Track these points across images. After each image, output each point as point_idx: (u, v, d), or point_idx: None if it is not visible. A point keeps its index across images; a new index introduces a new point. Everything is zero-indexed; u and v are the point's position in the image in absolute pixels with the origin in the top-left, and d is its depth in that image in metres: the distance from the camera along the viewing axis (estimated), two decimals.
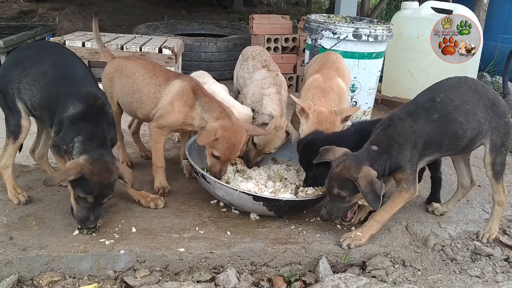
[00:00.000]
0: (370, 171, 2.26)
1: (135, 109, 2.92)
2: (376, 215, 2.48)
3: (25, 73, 2.49)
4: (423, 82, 4.85)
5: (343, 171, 2.30)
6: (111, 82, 2.99)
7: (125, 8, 10.66)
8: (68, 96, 2.40)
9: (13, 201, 2.62)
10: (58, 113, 2.40)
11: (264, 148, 3.05)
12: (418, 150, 2.38)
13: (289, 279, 2.36)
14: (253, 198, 2.51)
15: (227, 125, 2.61)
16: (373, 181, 2.23)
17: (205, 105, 2.70)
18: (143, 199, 2.69)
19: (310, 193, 2.75)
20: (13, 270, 2.16)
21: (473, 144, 2.49)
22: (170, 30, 6.59)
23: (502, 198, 2.59)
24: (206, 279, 2.24)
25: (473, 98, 2.45)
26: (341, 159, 2.34)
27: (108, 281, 2.22)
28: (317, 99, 2.98)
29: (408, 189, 2.40)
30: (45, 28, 6.24)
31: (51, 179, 2.24)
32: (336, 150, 2.42)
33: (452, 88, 2.48)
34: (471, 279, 2.37)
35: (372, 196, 2.22)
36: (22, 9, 9.70)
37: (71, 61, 2.61)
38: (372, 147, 2.36)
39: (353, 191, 2.31)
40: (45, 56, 2.55)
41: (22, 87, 2.49)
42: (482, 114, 2.43)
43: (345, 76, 3.32)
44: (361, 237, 2.46)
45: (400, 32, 4.84)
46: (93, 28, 3.20)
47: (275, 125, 3.00)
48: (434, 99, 2.43)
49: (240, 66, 3.64)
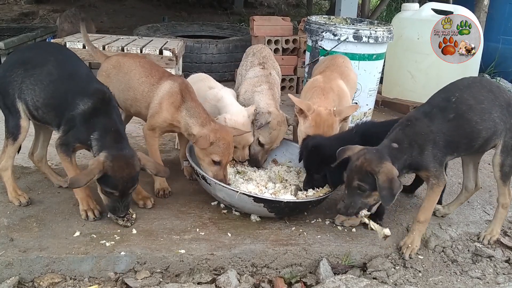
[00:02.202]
0: (393, 169, 2.24)
1: (129, 106, 2.95)
2: (420, 216, 2.47)
3: (28, 73, 2.49)
4: (423, 83, 4.87)
5: (364, 163, 2.27)
6: (108, 79, 2.98)
7: (125, 10, 10.67)
8: (77, 93, 2.42)
9: (14, 203, 2.61)
10: (67, 112, 2.41)
11: (272, 145, 3.09)
12: (440, 148, 2.36)
13: (289, 280, 2.35)
14: (254, 199, 2.51)
15: (216, 128, 2.65)
16: (394, 179, 2.21)
17: (191, 110, 2.72)
18: (134, 194, 2.68)
19: (310, 195, 2.75)
20: (14, 271, 2.16)
21: (487, 144, 2.48)
22: (170, 32, 6.59)
23: (507, 201, 2.58)
24: (206, 281, 2.24)
25: (488, 97, 2.43)
26: (362, 152, 2.32)
27: (108, 282, 2.22)
28: (316, 98, 2.97)
29: (438, 183, 2.39)
30: (46, 30, 6.25)
31: (77, 181, 2.29)
32: (354, 148, 2.40)
33: (466, 87, 2.47)
34: (472, 281, 2.36)
35: (388, 193, 2.20)
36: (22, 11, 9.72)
37: (74, 60, 2.63)
38: (393, 145, 2.33)
39: (372, 185, 2.27)
40: (48, 56, 2.56)
41: (25, 87, 2.49)
42: (497, 114, 2.42)
43: (349, 80, 3.30)
44: (415, 242, 2.48)
45: (400, 33, 4.84)
46: (82, 32, 3.29)
47: (277, 121, 3.02)
48: (449, 99, 2.42)
49: (241, 64, 3.65)
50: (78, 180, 2.28)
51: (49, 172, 2.92)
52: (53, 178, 2.90)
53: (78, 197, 2.55)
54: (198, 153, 2.69)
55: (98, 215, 2.54)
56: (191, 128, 2.70)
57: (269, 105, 3.10)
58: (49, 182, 2.91)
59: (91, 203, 2.55)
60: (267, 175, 3.05)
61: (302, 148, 2.80)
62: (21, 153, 2.96)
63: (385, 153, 2.30)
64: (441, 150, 2.36)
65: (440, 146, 2.36)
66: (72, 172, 2.51)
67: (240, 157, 3.04)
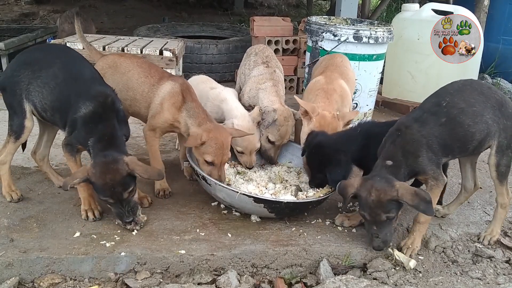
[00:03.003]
0: (405, 184, 2.26)
1: (127, 106, 2.93)
2: (420, 217, 2.47)
3: (35, 75, 2.51)
4: (423, 84, 4.87)
5: (380, 195, 2.24)
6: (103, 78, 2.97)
7: (126, 11, 10.68)
8: (79, 96, 2.43)
9: (6, 197, 2.64)
10: (70, 114, 2.43)
11: (282, 140, 3.10)
12: (434, 151, 2.36)
13: (290, 281, 2.35)
14: (254, 200, 2.51)
15: (210, 128, 2.64)
16: (416, 191, 2.22)
17: (191, 110, 2.72)
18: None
19: (310, 195, 2.75)
20: (14, 272, 2.16)
21: (482, 146, 2.48)
22: (170, 32, 6.59)
23: (505, 201, 2.58)
24: (207, 281, 2.24)
25: (480, 99, 2.44)
26: (367, 186, 2.29)
27: (109, 283, 2.22)
28: (321, 101, 2.98)
29: (437, 184, 2.40)
30: (46, 30, 6.25)
31: (64, 184, 2.31)
32: (351, 182, 2.38)
33: (457, 91, 2.47)
34: (472, 281, 2.36)
35: (424, 206, 2.20)
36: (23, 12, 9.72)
37: (80, 62, 2.63)
38: (387, 163, 2.34)
39: (397, 208, 2.29)
40: (54, 58, 2.57)
41: (32, 89, 2.51)
42: (489, 115, 2.43)
43: (349, 79, 3.32)
44: (416, 243, 2.49)
45: (400, 34, 4.84)
46: (76, 28, 3.25)
47: (284, 116, 3.03)
48: (440, 104, 2.42)
49: (243, 63, 3.65)
50: (65, 183, 2.31)
51: (50, 172, 2.92)
52: (53, 178, 2.91)
53: (81, 196, 2.56)
54: (194, 152, 2.70)
55: (98, 215, 2.54)
56: (189, 128, 2.70)
57: (273, 101, 3.10)
58: (49, 182, 2.92)
59: (93, 203, 2.56)
60: (267, 175, 3.05)
61: (305, 146, 2.81)
62: (21, 153, 2.97)
63: (385, 174, 2.30)
64: (435, 153, 2.37)
65: (434, 149, 2.36)
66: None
67: (247, 163, 3.02)
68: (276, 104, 3.09)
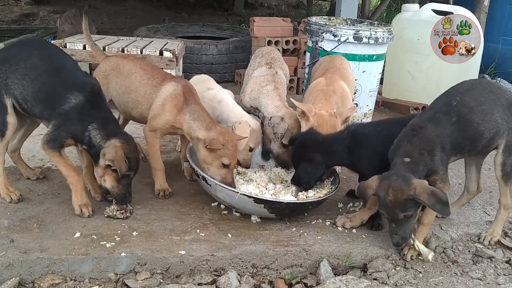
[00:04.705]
0: (423, 182, 2.24)
1: (130, 109, 2.93)
2: (424, 219, 2.47)
3: (12, 69, 2.50)
4: (423, 84, 4.88)
5: (397, 195, 2.23)
6: (105, 80, 2.96)
7: (126, 11, 10.68)
8: (67, 87, 2.45)
9: (5, 199, 2.62)
10: (57, 106, 2.43)
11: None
12: (446, 152, 2.38)
13: (290, 281, 2.35)
14: (254, 200, 2.51)
15: (223, 131, 2.67)
16: (433, 191, 2.20)
17: (195, 113, 2.71)
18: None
19: (311, 196, 2.75)
20: (14, 272, 2.16)
21: (490, 144, 2.49)
22: (171, 33, 6.60)
23: (509, 202, 2.57)
24: (207, 282, 2.24)
25: (489, 98, 2.45)
26: (385, 186, 2.27)
27: (109, 283, 2.22)
28: (319, 102, 2.99)
29: (444, 187, 2.39)
30: (46, 31, 6.26)
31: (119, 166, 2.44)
32: (369, 183, 2.35)
33: (467, 90, 2.49)
34: (473, 281, 2.36)
35: (441, 205, 2.19)
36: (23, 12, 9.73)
37: (60, 54, 2.65)
38: (405, 160, 2.33)
39: (416, 206, 2.28)
40: (31, 50, 2.58)
41: (11, 82, 2.50)
42: (499, 114, 2.43)
43: (349, 81, 3.33)
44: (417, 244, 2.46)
45: (400, 34, 4.84)
46: (83, 26, 3.26)
47: (293, 119, 3.03)
48: (450, 103, 2.44)
49: (249, 64, 3.66)
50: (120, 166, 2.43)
51: (20, 164, 2.93)
52: (23, 170, 2.92)
53: (73, 188, 2.53)
54: (206, 157, 2.65)
55: (91, 212, 2.56)
56: (195, 131, 2.69)
57: (279, 107, 3.09)
58: (50, 183, 2.92)
59: (85, 198, 2.56)
60: (268, 176, 3.05)
61: (289, 142, 2.89)
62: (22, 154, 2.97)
63: (404, 171, 2.29)
64: (446, 153, 2.38)
65: (446, 149, 2.37)
66: (65, 165, 2.50)
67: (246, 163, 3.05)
68: (282, 109, 3.07)
